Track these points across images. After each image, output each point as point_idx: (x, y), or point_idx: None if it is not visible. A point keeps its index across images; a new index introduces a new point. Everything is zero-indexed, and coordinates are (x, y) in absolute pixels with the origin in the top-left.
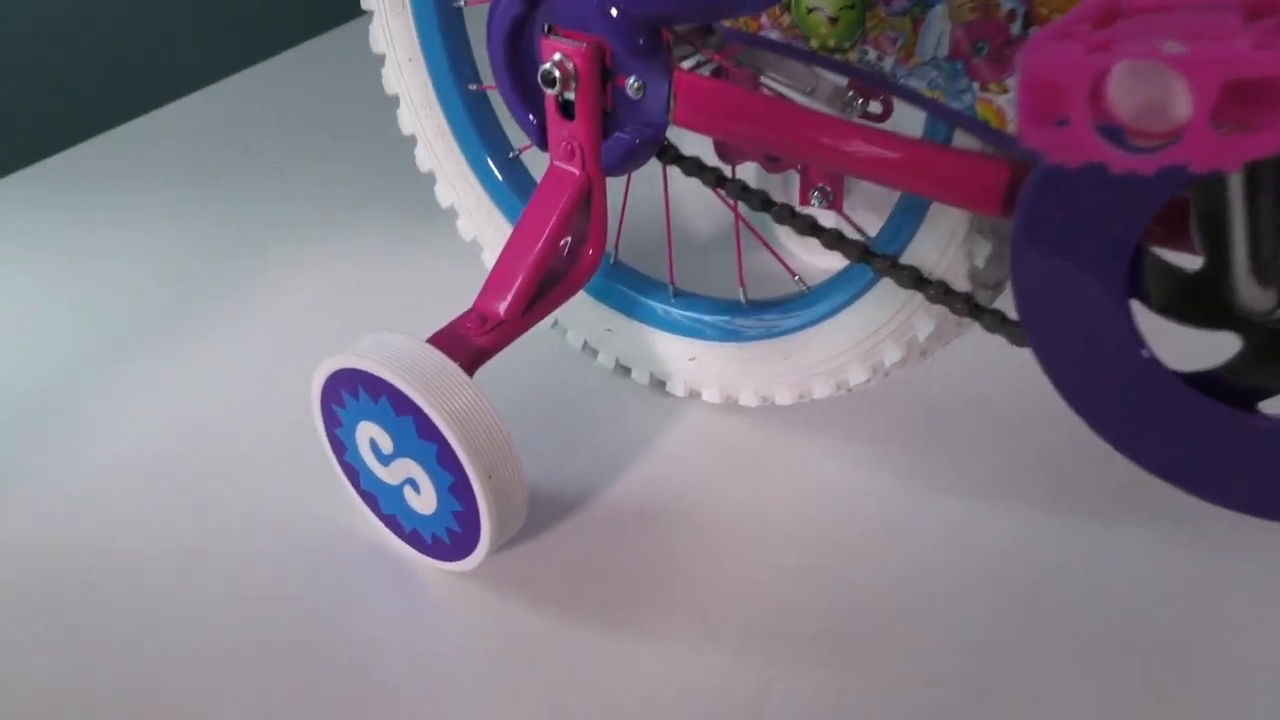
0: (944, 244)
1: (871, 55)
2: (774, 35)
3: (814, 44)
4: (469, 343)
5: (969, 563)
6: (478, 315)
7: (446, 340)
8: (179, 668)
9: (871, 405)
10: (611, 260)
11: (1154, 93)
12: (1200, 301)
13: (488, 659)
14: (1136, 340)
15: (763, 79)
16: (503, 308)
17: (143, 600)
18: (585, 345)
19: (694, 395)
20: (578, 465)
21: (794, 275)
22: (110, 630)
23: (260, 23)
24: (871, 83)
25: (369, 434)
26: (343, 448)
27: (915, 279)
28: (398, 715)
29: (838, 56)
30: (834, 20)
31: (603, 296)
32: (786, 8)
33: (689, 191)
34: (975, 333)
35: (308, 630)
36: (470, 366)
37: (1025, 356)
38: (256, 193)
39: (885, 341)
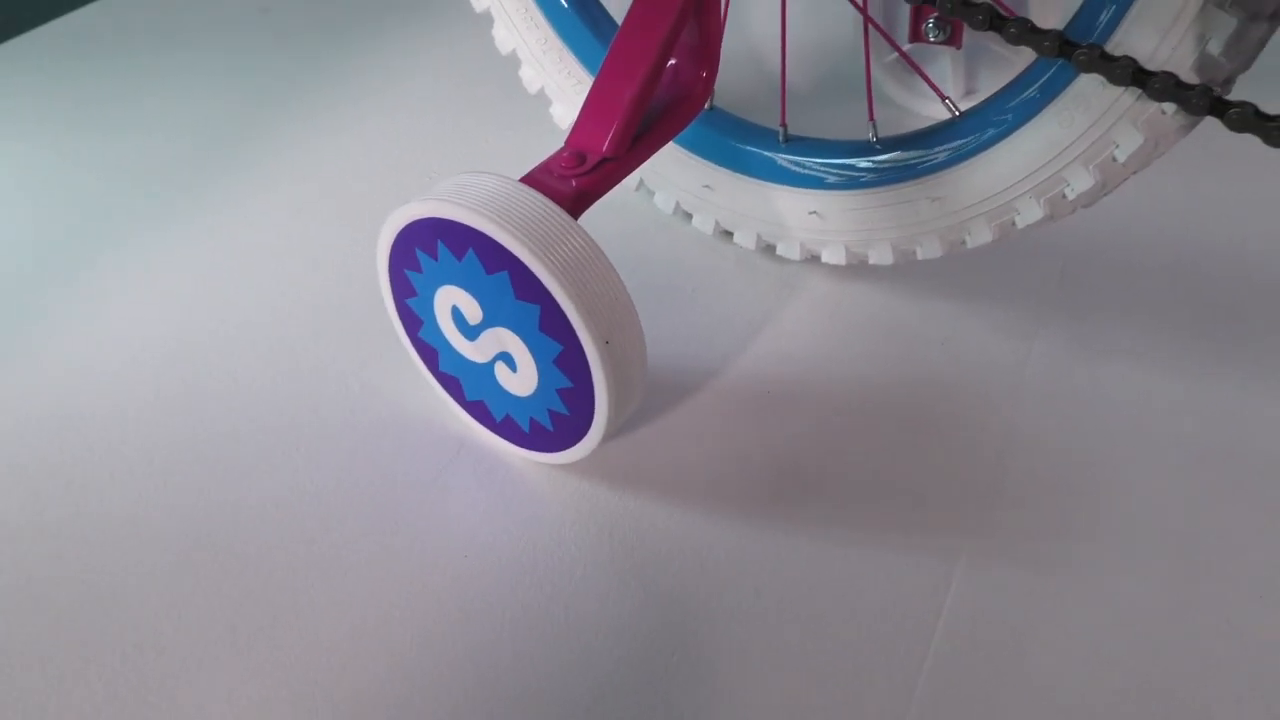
0: (1168, 24)
1: None
2: None
3: None
4: (568, 184)
5: (1155, 437)
6: (574, 153)
7: (541, 181)
8: (244, 568)
9: (1023, 256)
10: (707, 105)
11: None
12: None
13: (607, 563)
14: None
15: None
16: (605, 143)
17: (200, 501)
18: (678, 208)
19: (812, 258)
20: (680, 346)
21: (944, 98)
22: (171, 524)
23: None
24: None
25: (451, 300)
26: (418, 322)
27: (1133, 72)
28: (499, 636)
29: None
30: None
31: (697, 148)
32: None
33: (781, 25)
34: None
35: (390, 538)
36: (574, 210)
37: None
38: (285, 50)
39: (1072, 166)
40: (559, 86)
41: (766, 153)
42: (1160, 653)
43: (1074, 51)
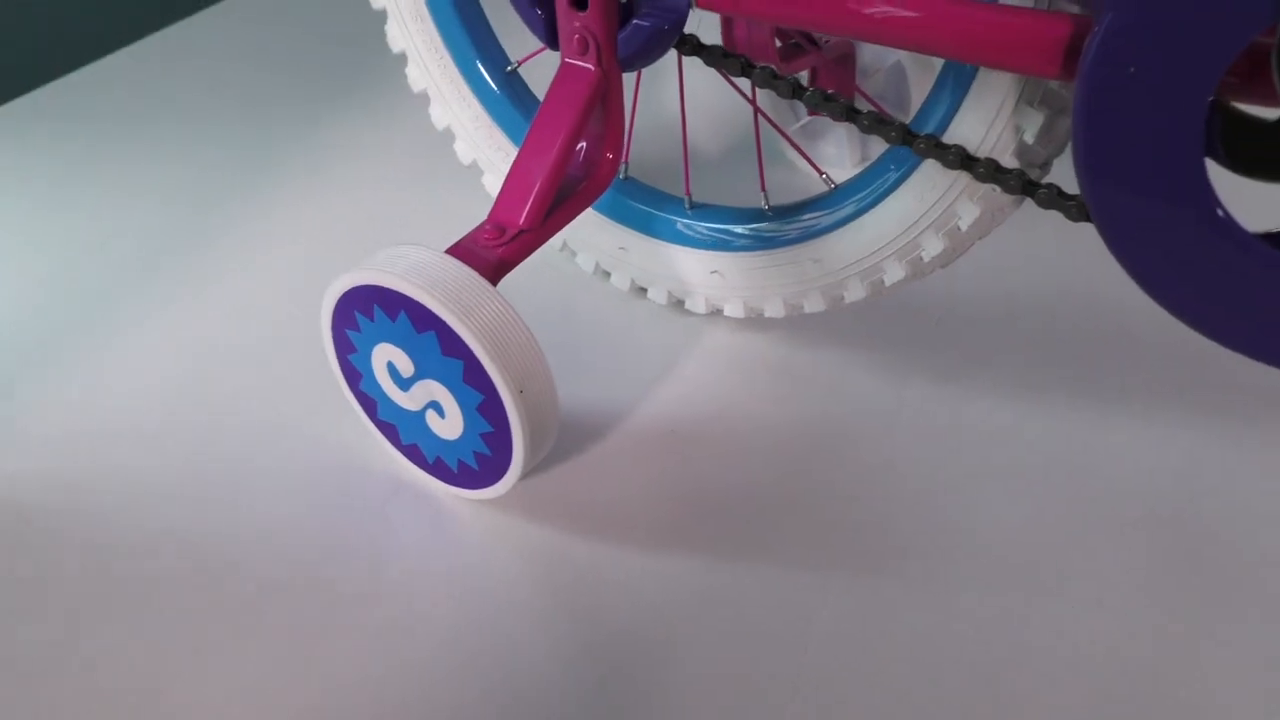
0: (990, 118)
1: None
2: None
3: None
4: (489, 254)
5: (1010, 468)
6: (495, 226)
7: (465, 252)
8: (194, 607)
9: (898, 311)
10: (622, 175)
11: None
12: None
13: (528, 584)
14: (1212, 200)
15: None
16: (522, 217)
17: (148, 535)
18: (597, 267)
19: (715, 312)
20: (598, 391)
21: (821, 174)
22: (119, 567)
23: None
24: None
25: (387, 357)
26: (358, 376)
27: (962, 158)
28: (441, 644)
29: None
30: None
31: (614, 214)
32: None
33: (693, 99)
34: (998, 230)
35: (328, 569)
36: (493, 277)
37: (1047, 251)
38: (239, 127)
39: (925, 233)
40: (489, 159)
41: (674, 219)
42: (996, 658)
43: (914, 140)
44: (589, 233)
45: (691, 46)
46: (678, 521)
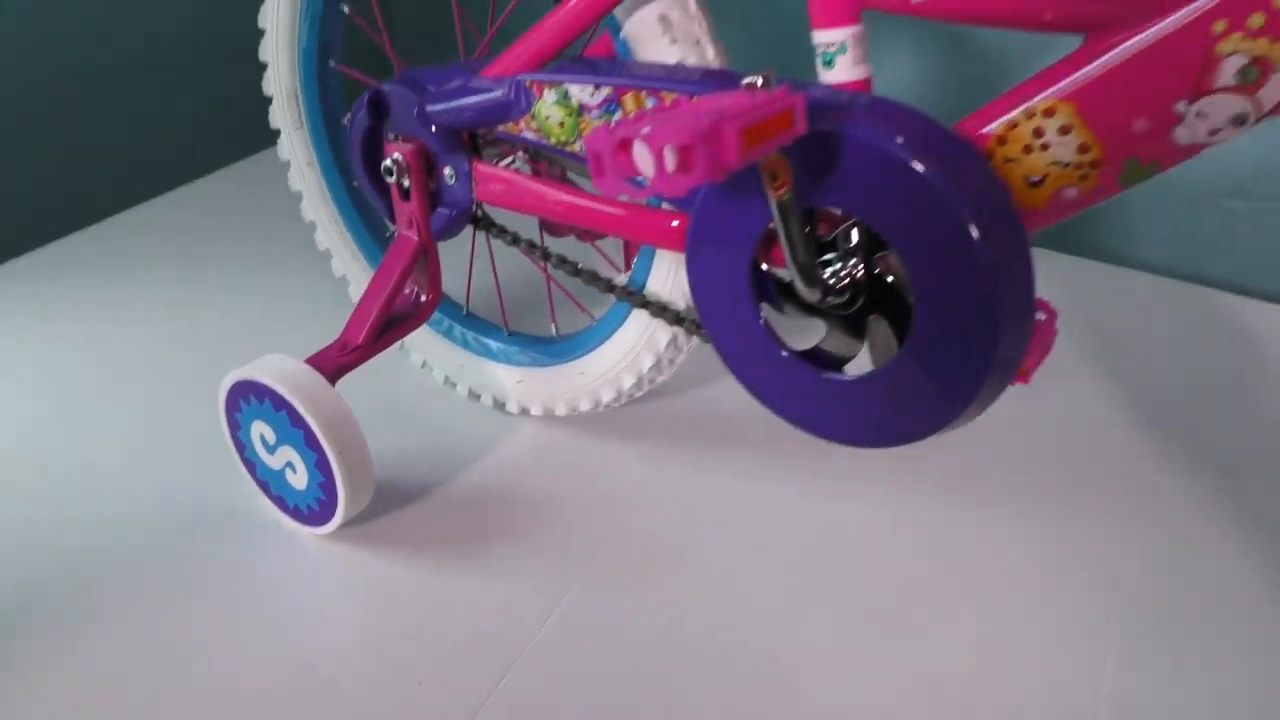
0: (666, 274)
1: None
2: (529, 135)
3: (552, 140)
4: (333, 361)
5: (735, 530)
6: (342, 343)
7: (318, 359)
8: (99, 650)
9: (653, 408)
10: (464, 312)
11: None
12: (794, 300)
13: (350, 598)
14: (769, 330)
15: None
16: (360, 337)
17: (66, 580)
18: (446, 379)
19: (525, 411)
20: (438, 466)
21: (583, 309)
22: (44, 597)
23: (181, 149)
24: (584, 163)
25: (260, 431)
26: (242, 445)
27: (640, 301)
28: (274, 631)
29: (567, 149)
30: (562, 124)
31: (456, 340)
32: (534, 116)
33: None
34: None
35: (213, 579)
36: (333, 377)
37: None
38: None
39: (641, 352)
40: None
41: (494, 343)
42: (667, 657)
43: (618, 290)
44: (440, 353)
45: (484, 226)
46: (469, 554)
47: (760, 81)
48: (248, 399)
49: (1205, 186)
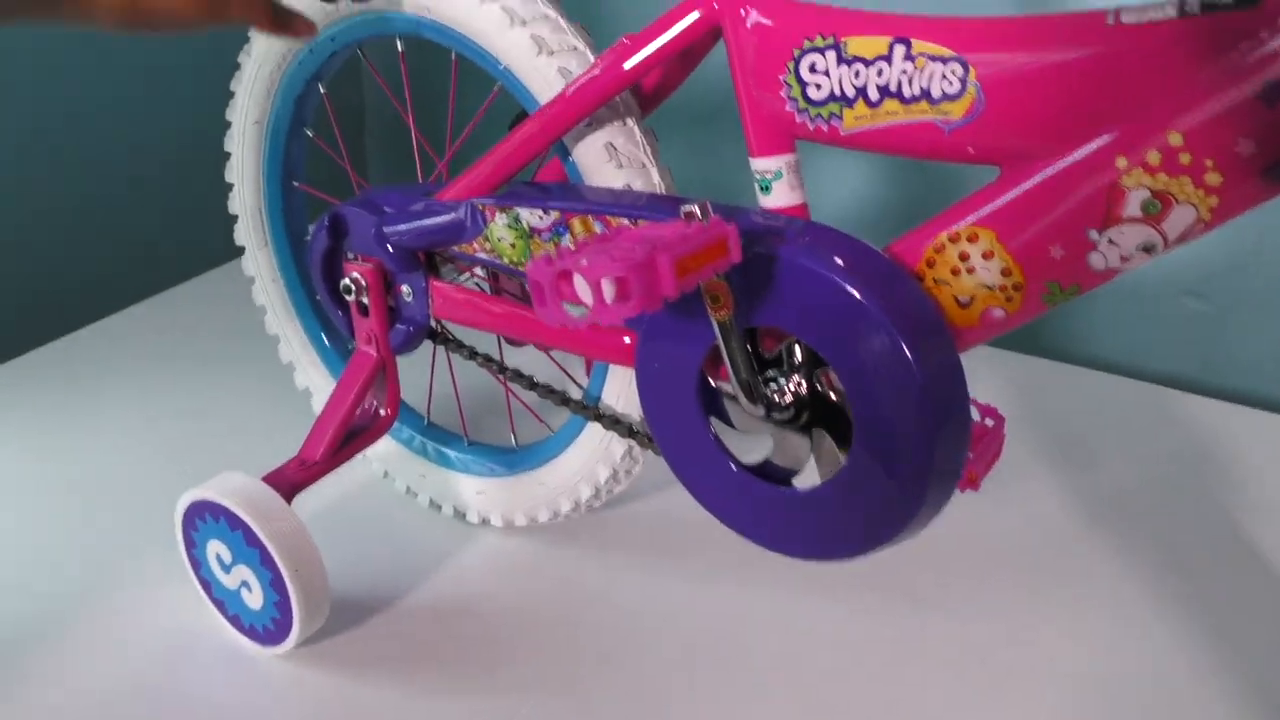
0: (619, 389)
1: None
2: (483, 255)
3: (504, 260)
4: (290, 479)
5: (709, 635)
6: (300, 459)
7: (274, 477)
8: None
9: (612, 515)
10: (425, 422)
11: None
12: (741, 414)
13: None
14: (718, 444)
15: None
16: (316, 453)
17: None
18: (408, 489)
19: (485, 522)
20: (398, 579)
21: (541, 421)
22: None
23: (146, 261)
24: None
25: (216, 549)
26: (198, 564)
27: (595, 415)
28: None
29: (520, 268)
30: (514, 245)
31: (417, 450)
32: (486, 238)
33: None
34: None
35: (167, 704)
36: (289, 494)
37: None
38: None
39: (598, 464)
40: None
41: (455, 453)
42: None
43: (575, 405)
44: (401, 463)
45: (442, 341)
46: (433, 665)
47: (697, 210)
48: (204, 517)
49: (1162, 285)
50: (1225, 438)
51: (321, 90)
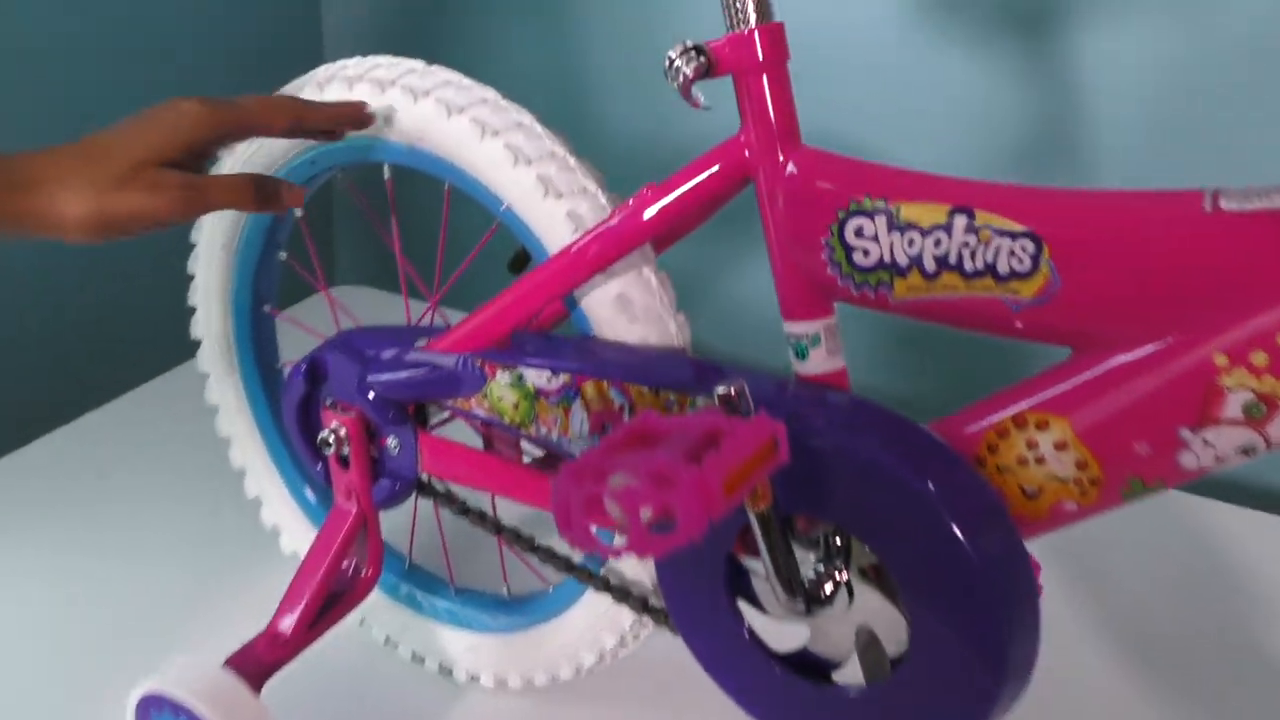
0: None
1: (543, 430)
2: (481, 413)
3: (506, 420)
4: (259, 660)
5: None
6: (270, 635)
7: (241, 659)
8: None
9: (616, 671)
10: (406, 565)
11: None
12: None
13: None
14: (744, 627)
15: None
16: (290, 627)
17: None
18: (387, 639)
19: (474, 680)
20: None
21: (538, 575)
22: None
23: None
24: (542, 446)
25: None
26: None
27: (602, 585)
28: None
29: (524, 430)
30: (517, 406)
31: (398, 597)
32: (485, 395)
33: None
34: None
35: None
36: (258, 682)
37: None
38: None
39: (603, 631)
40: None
41: (441, 602)
42: None
43: (580, 573)
44: (380, 611)
45: (430, 494)
46: None
47: (734, 395)
48: (160, 711)
49: None
50: (1245, 543)
51: (298, 214)
